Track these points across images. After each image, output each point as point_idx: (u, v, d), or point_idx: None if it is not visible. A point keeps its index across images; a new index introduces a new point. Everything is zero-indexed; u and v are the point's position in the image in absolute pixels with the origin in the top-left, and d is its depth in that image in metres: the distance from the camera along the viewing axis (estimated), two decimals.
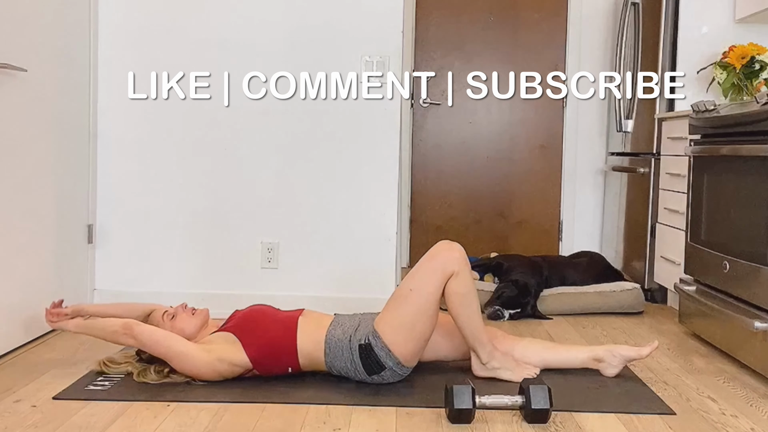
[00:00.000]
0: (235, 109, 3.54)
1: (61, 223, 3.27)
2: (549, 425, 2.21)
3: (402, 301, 2.49)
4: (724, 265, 2.96)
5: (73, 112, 3.37)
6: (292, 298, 3.30)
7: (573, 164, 5.15)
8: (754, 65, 3.65)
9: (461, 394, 2.18)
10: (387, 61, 3.54)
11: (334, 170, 3.59)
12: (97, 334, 2.58)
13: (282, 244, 3.61)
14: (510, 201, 5.22)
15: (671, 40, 4.07)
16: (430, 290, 2.45)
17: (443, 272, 2.45)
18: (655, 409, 2.36)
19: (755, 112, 2.79)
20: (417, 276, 2.49)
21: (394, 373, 2.49)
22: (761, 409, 2.42)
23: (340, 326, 2.55)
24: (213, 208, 3.61)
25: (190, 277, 3.59)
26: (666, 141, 3.98)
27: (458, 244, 2.53)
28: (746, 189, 2.84)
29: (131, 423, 2.18)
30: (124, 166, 3.58)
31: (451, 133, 5.22)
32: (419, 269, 2.50)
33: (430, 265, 2.48)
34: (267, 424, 2.20)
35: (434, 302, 2.45)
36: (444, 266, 2.46)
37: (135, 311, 2.71)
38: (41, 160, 3.10)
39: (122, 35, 3.55)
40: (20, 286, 2.94)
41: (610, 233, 4.88)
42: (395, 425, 2.20)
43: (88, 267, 3.54)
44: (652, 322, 3.68)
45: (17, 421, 2.17)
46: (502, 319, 3.63)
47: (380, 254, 3.60)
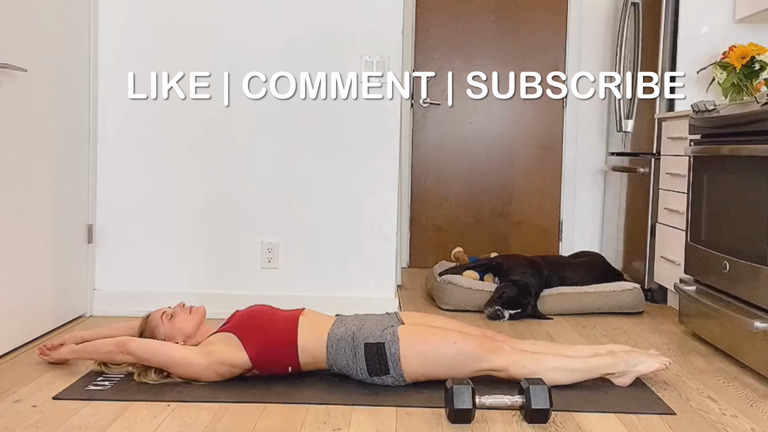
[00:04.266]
0: (235, 109, 3.54)
1: (61, 223, 3.27)
2: (549, 425, 2.21)
3: (441, 341, 2.48)
4: (724, 265, 2.96)
5: (73, 112, 3.37)
6: (292, 298, 3.30)
7: (573, 164, 5.15)
8: (754, 65, 3.65)
9: (461, 394, 2.18)
10: (387, 61, 3.54)
11: (334, 170, 3.59)
12: (92, 356, 2.59)
13: (282, 244, 3.61)
14: (510, 201, 5.22)
15: (671, 40, 4.07)
16: (469, 367, 2.44)
17: (485, 366, 2.46)
18: (655, 409, 2.36)
19: (755, 112, 2.79)
20: (469, 344, 2.47)
21: (394, 381, 2.49)
22: (761, 409, 2.42)
23: (343, 325, 2.56)
24: (213, 208, 3.60)
25: (190, 277, 3.59)
26: (666, 141, 3.98)
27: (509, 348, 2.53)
28: (746, 189, 2.84)
29: (131, 423, 2.17)
30: (124, 166, 3.58)
31: (451, 133, 5.22)
32: (472, 341, 2.49)
33: (480, 353, 2.46)
34: (267, 424, 2.20)
35: (463, 372, 2.42)
36: (490, 365, 2.47)
37: (126, 329, 2.72)
38: (41, 160, 3.10)
39: (122, 35, 3.55)
40: (20, 286, 2.94)
41: (610, 233, 4.88)
42: (395, 425, 2.20)
43: (88, 267, 3.54)
44: (652, 322, 3.68)
45: (17, 421, 2.17)
46: (502, 319, 3.63)
47: (380, 254, 3.60)
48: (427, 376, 2.48)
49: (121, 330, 2.72)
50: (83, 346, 2.61)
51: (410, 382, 2.50)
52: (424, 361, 2.46)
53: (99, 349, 2.56)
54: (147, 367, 2.51)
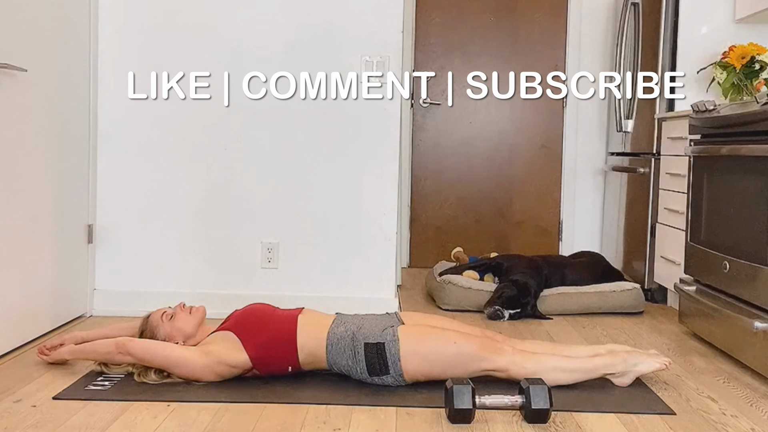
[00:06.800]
0: (235, 109, 3.54)
1: (61, 223, 3.27)
2: (549, 425, 2.21)
3: (441, 341, 2.48)
4: (724, 265, 2.96)
5: (73, 112, 3.37)
6: (292, 298, 3.30)
7: (573, 164, 5.16)
8: (754, 65, 3.65)
9: (461, 394, 2.18)
10: (387, 61, 3.54)
11: (334, 170, 3.59)
12: (91, 356, 2.59)
13: (282, 244, 3.61)
14: (510, 201, 5.22)
15: (671, 40, 4.07)
16: (469, 367, 2.45)
17: (485, 366, 2.47)
18: (655, 409, 2.36)
19: (755, 112, 2.79)
20: (469, 344, 2.48)
21: (394, 381, 2.49)
22: (761, 409, 2.42)
23: (343, 324, 2.56)
24: (213, 208, 3.60)
25: (190, 276, 3.59)
26: (666, 141, 3.98)
27: (509, 348, 2.53)
28: (746, 189, 2.84)
29: (131, 423, 2.18)
30: (124, 166, 3.58)
31: (451, 133, 5.22)
32: (472, 342, 2.49)
33: (480, 353, 2.46)
34: (267, 424, 2.20)
35: (463, 372, 2.43)
36: (490, 365, 2.47)
37: (126, 329, 2.72)
38: (41, 160, 3.10)
39: (122, 35, 3.55)
40: (20, 286, 2.94)
41: (610, 233, 4.88)
42: (395, 425, 2.20)
43: (88, 267, 3.54)
44: (652, 322, 3.68)
45: (17, 421, 2.17)
46: (502, 319, 3.63)
47: (380, 254, 3.60)
48: (427, 376, 2.48)
49: (121, 330, 2.72)
50: (83, 347, 2.61)
51: (410, 382, 2.50)
52: (424, 361, 2.46)
53: (98, 349, 2.56)
54: (147, 367, 2.51)
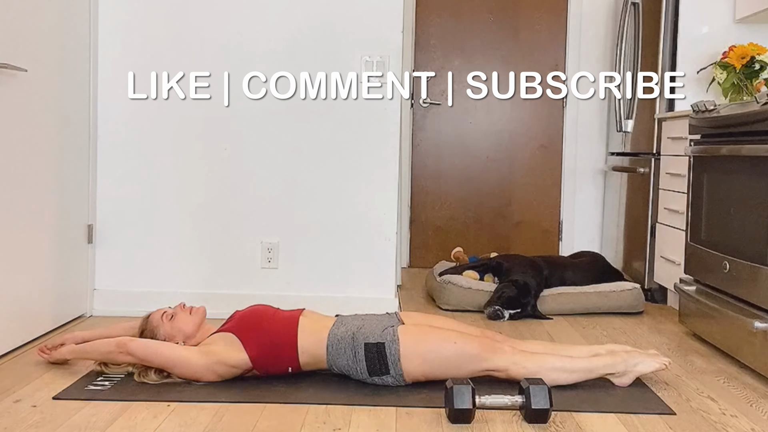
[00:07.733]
0: (235, 109, 3.54)
1: (61, 223, 3.27)
2: (549, 425, 2.21)
3: (441, 341, 2.48)
4: (724, 265, 2.96)
5: (73, 112, 3.37)
6: (292, 298, 3.30)
7: (573, 164, 5.15)
8: (754, 65, 3.65)
9: (461, 394, 2.18)
10: (387, 61, 3.54)
11: (334, 170, 3.59)
12: (92, 356, 2.59)
13: (282, 244, 3.61)
14: (510, 201, 5.22)
15: (671, 40, 4.07)
16: (469, 367, 2.45)
17: (485, 366, 2.47)
18: (655, 409, 2.36)
19: (755, 112, 2.79)
20: (469, 344, 2.48)
21: (394, 381, 2.49)
22: (761, 409, 2.42)
23: (344, 325, 2.56)
24: (213, 208, 3.60)
25: (190, 277, 3.59)
26: (666, 141, 3.98)
27: (509, 348, 2.53)
28: (746, 189, 2.84)
29: (131, 423, 2.18)
30: (124, 166, 3.58)
31: (451, 133, 5.22)
32: (473, 342, 2.49)
33: (480, 353, 2.46)
34: (267, 424, 2.20)
35: (463, 372, 2.42)
36: (490, 365, 2.47)
37: (126, 329, 2.72)
38: (41, 160, 3.10)
39: (122, 35, 3.55)
40: (20, 286, 2.94)
41: (610, 233, 4.88)
42: (395, 425, 2.20)
43: (88, 267, 3.54)
44: (652, 322, 3.68)
45: (17, 421, 2.17)
46: (502, 319, 3.63)
47: (380, 254, 3.60)
48: (427, 376, 2.48)
49: (121, 330, 2.72)
50: (83, 346, 2.61)
51: (410, 382, 2.50)
52: (424, 361, 2.46)
53: (99, 349, 2.56)
54: (147, 367, 2.51)
